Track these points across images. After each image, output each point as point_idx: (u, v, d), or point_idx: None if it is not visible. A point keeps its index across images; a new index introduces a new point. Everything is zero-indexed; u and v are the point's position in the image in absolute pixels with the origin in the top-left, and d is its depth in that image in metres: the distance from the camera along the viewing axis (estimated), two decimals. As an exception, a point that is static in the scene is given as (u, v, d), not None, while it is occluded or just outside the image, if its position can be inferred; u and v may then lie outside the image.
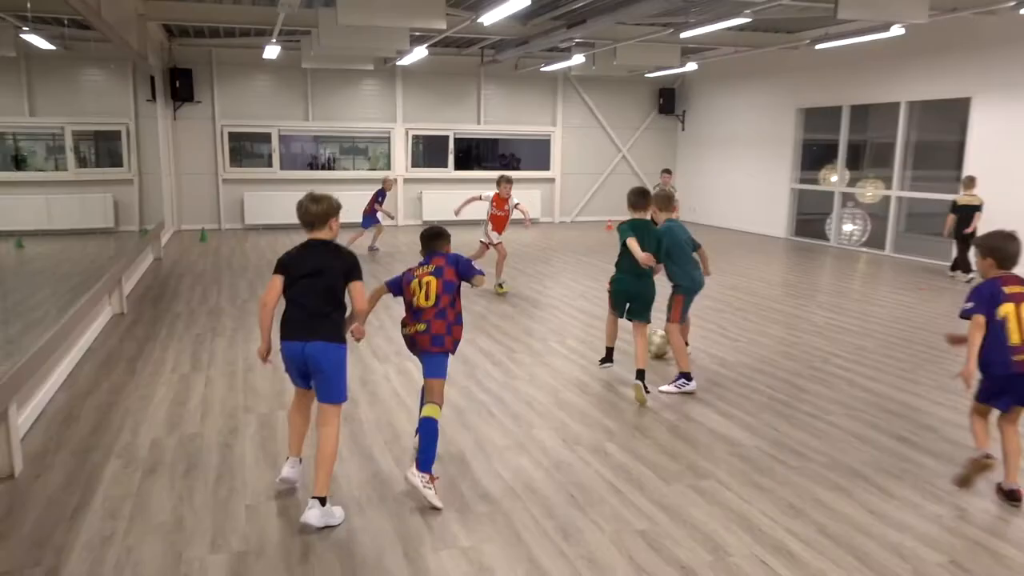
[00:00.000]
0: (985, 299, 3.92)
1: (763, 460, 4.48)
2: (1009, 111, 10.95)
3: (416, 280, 4.05)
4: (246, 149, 16.69)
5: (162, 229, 13.03)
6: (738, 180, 16.55)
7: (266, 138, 16.39)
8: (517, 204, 9.48)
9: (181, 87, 15.20)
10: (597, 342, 7.06)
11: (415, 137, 17.36)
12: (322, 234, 3.73)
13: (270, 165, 16.35)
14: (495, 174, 10.31)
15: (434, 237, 4.21)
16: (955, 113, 11.71)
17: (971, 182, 10.69)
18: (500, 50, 14.41)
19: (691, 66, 15.47)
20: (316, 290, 3.61)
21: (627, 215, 5.64)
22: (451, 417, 5.10)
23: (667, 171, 13.35)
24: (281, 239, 14.55)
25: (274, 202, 16.01)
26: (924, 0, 8.94)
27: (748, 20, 10.25)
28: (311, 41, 12.91)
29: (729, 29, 12.64)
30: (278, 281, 3.66)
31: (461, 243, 5.46)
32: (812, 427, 5.02)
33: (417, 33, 12.21)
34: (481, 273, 4.17)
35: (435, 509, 3.75)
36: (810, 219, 15.05)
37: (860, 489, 4.11)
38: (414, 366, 6.28)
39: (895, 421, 5.15)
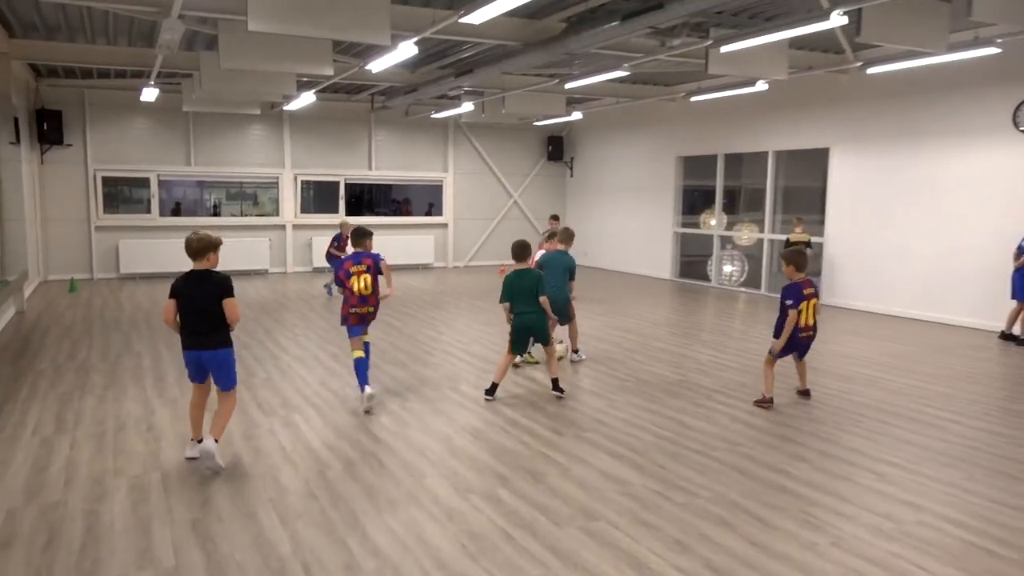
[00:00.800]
0: (798, 297, 6.25)
1: (651, 498, 4.57)
2: (861, 160, 11.94)
3: (354, 276, 6.22)
4: (123, 195, 15.91)
5: (26, 279, 12.11)
6: (624, 224, 17.19)
7: (144, 183, 15.68)
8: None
9: (49, 129, 14.37)
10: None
11: (304, 182, 17.07)
12: (201, 264, 4.79)
13: (149, 211, 15.62)
14: (388, 220, 10.17)
15: (364, 235, 6.35)
16: (818, 161, 12.65)
17: (799, 221, 12.13)
18: (390, 97, 14.49)
19: (577, 115, 16.07)
20: (198, 310, 4.76)
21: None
22: (340, 470, 4.96)
23: (555, 217, 13.68)
24: (160, 289, 13.84)
25: (153, 250, 15.27)
26: (784, 59, 9.70)
27: (627, 73, 10.77)
28: (193, 84, 12.53)
29: (610, 81, 13.26)
30: (172, 304, 4.78)
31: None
32: (697, 463, 5.18)
33: (305, 79, 12.10)
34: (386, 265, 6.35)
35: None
36: (693, 261, 15.78)
37: (742, 521, 4.26)
38: (302, 418, 6.08)
39: (772, 454, 5.39)
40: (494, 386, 6.64)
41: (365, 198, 18.77)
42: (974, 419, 6.29)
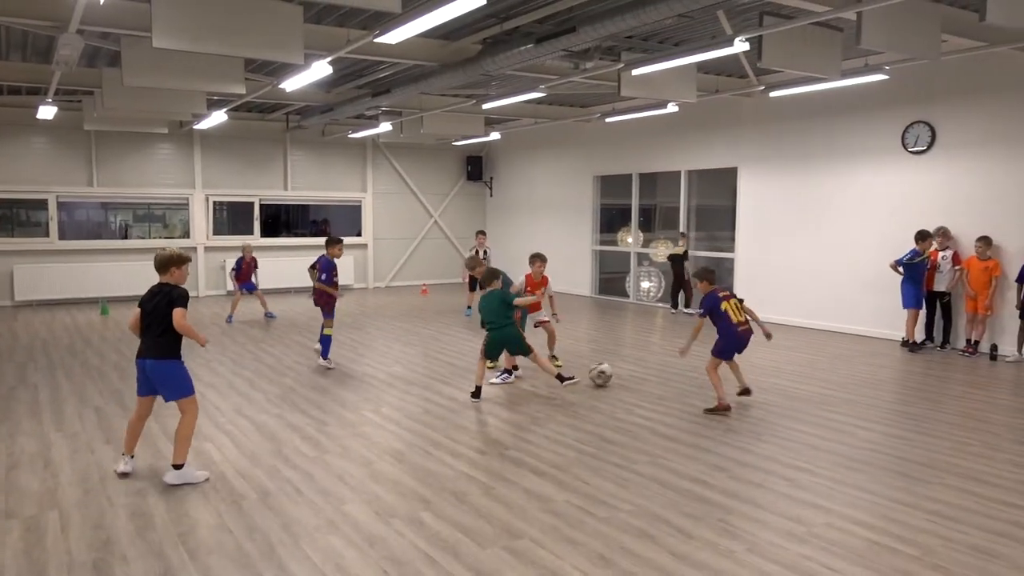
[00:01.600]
0: (710, 304, 6.91)
1: (574, 514, 4.58)
2: (767, 179, 12.50)
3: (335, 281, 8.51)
4: (18, 217, 15.04)
5: (-94, 310, 11.25)
6: (545, 243, 17.32)
7: (42, 205, 14.87)
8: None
9: (-67, 149, 13.43)
10: (413, 408, 7.02)
11: (217, 204, 16.56)
12: (164, 278, 4.94)
13: (47, 235, 14.81)
14: (307, 240, 10.14)
15: (334, 242, 8.55)
16: (728, 180, 13.14)
17: (682, 236, 13.36)
18: (306, 116, 14.25)
19: (495, 135, 16.19)
20: (148, 322, 4.88)
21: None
22: (255, 500, 4.78)
23: (481, 232, 13.87)
24: (61, 316, 13.12)
25: (52, 275, 14.49)
26: (692, 82, 10.06)
27: (544, 94, 10.95)
28: (95, 102, 11.99)
29: (527, 102, 13.45)
30: (137, 312, 4.97)
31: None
32: (619, 477, 5.23)
33: (215, 97, 11.77)
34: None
35: None
36: (612, 278, 16.07)
37: (664, 533, 4.32)
38: (214, 447, 5.84)
39: (691, 464, 5.50)
40: (478, 389, 7.27)
41: (282, 219, 18.33)
42: (875, 423, 6.60)
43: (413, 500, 4.80)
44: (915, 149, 10.44)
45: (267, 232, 17.18)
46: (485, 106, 12.13)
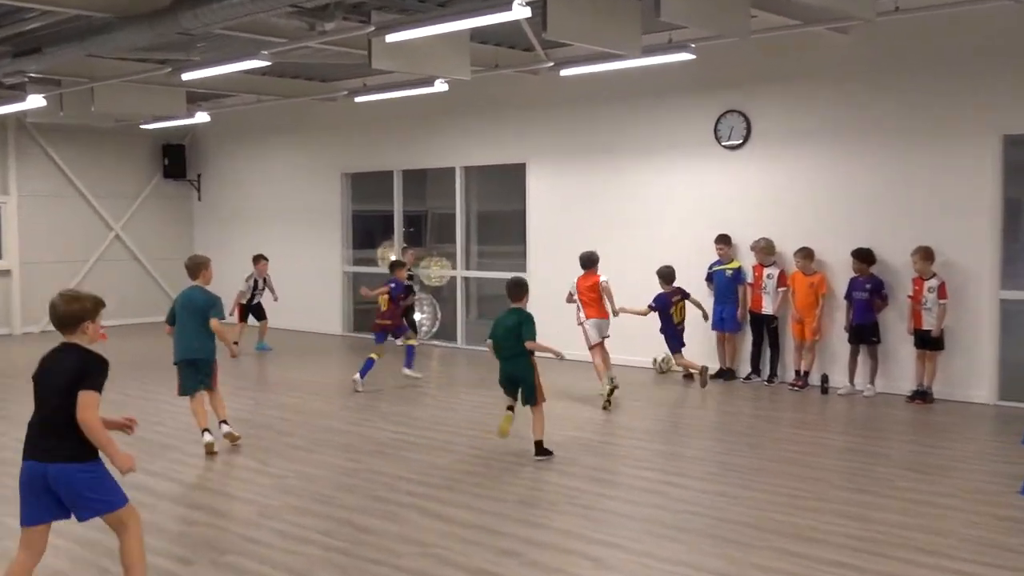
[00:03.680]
0: (662, 302, 10.88)
1: (318, 634, 4.51)
2: (560, 178, 13.27)
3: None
4: None
5: None
6: (279, 265, 16.69)
7: None
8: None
9: None
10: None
11: None
12: (74, 338, 4.67)
13: None
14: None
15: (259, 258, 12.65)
16: (519, 180, 13.75)
17: (406, 251, 14.55)
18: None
19: (203, 117, 15.68)
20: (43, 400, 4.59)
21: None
22: None
23: (259, 257, 14.32)
24: None
25: None
26: (465, 54, 10.47)
27: (268, 63, 10.79)
28: None
29: (248, 72, 13.13)
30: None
31: None
32: (378, 577, 5.23)
33: None
34: None
35: None
36: (371, 309, 16.01)
37: (437, 647, 4.37)
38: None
39: (474, 552, 5.63)
40: (539, 444, 7.72)
41: None
42: (692, 479, 7.21)
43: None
44: (729, 143, 11.62)
45: None
46: (186, 76, 11.75)
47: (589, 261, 10.30)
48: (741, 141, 11.52)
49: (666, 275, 11.06)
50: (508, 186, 14.18)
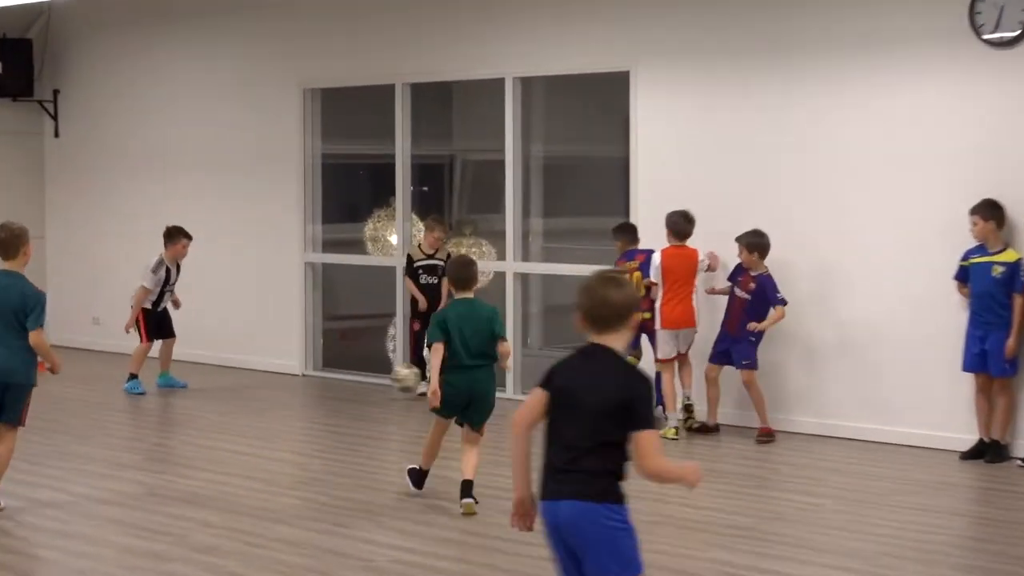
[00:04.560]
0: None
1: None
2: (689, 94, 9.72)
3: None
4: None
5: None
6: (190, 250, 11.68)
7: None
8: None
9: None
10: None
11: None
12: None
13: None
14: None
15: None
16: (617, 102, 10.84)
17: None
18: None
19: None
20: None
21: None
22: None
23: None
24: None
25: None
26: None
27: None
28: None
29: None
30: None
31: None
32: None
33: None
34: None
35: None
36: (356, 327, 12.61)
37: None
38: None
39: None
40: (423, 474, 7.03)
41: None
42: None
43: None
44: (994, 36, 8.66)
45: None
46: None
47: (686, 224, 8.53)
48: (1018, 33, 8.39)
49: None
50: (596, 114, 10.92)
